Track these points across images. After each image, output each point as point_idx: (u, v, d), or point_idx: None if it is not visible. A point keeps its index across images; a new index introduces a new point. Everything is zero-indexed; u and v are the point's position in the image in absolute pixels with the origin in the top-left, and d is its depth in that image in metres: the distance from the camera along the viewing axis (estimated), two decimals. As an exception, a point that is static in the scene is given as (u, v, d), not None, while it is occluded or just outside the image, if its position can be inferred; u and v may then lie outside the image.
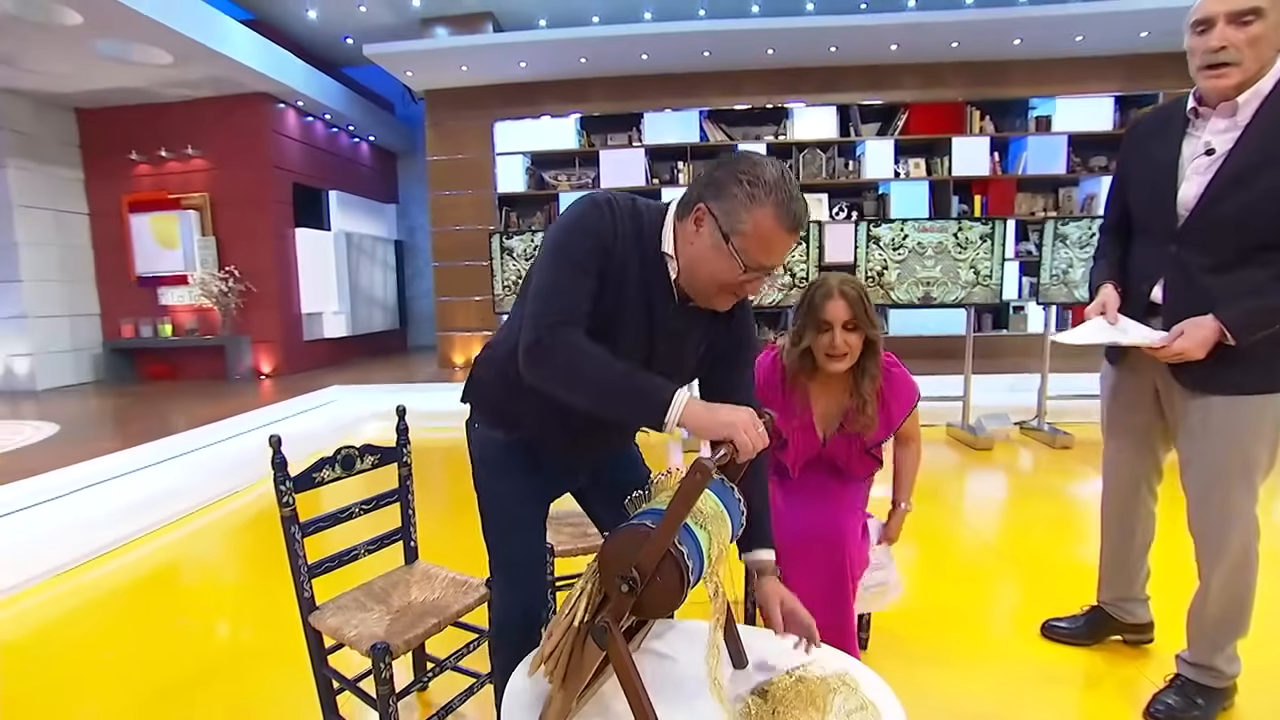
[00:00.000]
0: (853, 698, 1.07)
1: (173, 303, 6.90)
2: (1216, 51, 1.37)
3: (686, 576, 0.93)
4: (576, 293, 1.05)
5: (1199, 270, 1.50)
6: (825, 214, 6.81)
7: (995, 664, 1.98)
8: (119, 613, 2.54)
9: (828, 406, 1.72)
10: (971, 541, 2.94)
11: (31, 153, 6.42)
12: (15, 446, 4.14)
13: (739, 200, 1.01)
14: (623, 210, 1.10)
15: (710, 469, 0.87)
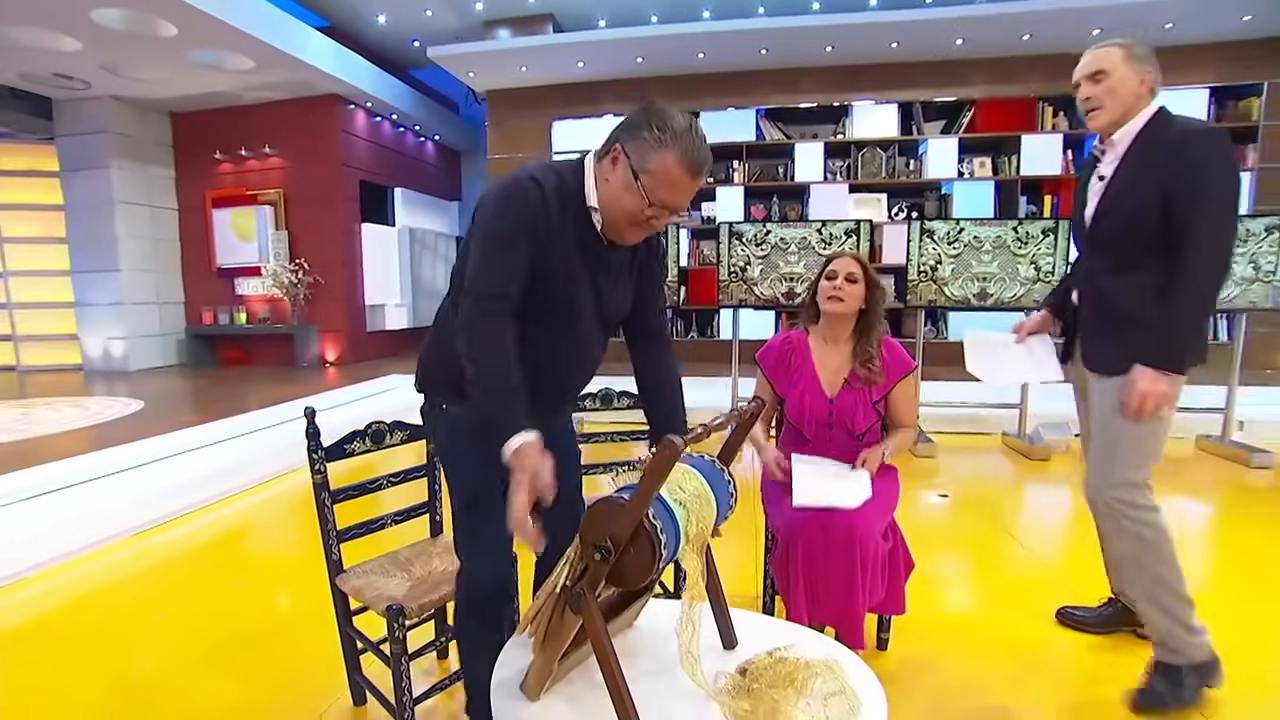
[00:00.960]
0: (833, 681, 1.06)
1: (248, 292, 7.36)
2: (1084, 101, 1.76)
3: (659, 550, 0.94)
4: (510, 267, 1.14)
5: (1098, 274, 1.79)
6: (884, 214, 6.63)
7: (1027, 680, 1.90)
8: (185, 571, 2.74)
9: (832, 368, 1.90)
10: (1014, 552, 2.81)
11: (132, 153, 6.97)
12: (107, 419, 4.51)
13: (649, 143, 1.11)
14: (549, 183, 1.17)
15: (678, 445, 0.88)
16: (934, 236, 4.15)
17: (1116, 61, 1.70)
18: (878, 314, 1.86)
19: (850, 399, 1.87)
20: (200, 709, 1.78)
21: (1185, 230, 1.61)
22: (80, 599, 2.48)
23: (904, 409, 1.90)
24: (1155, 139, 1.67)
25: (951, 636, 2.08)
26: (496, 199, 1.17)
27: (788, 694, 1.03)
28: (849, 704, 1.03)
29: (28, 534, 2.83)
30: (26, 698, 1.88)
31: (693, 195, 1.18)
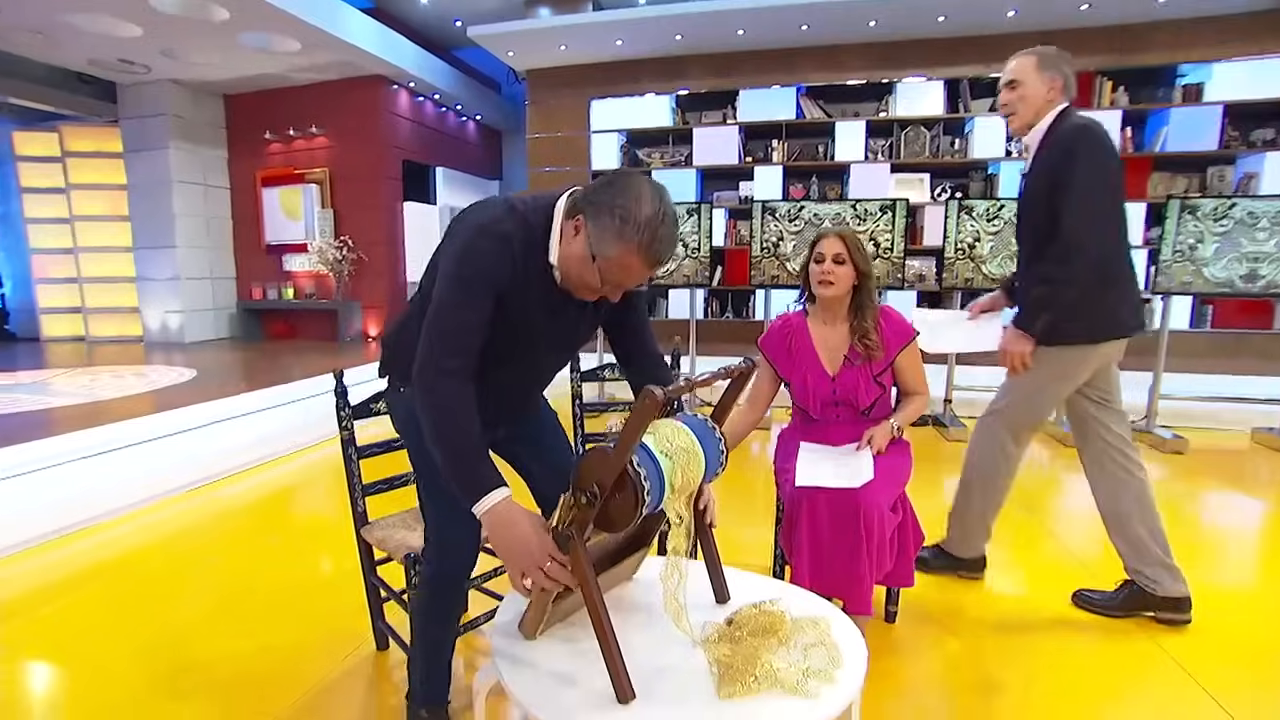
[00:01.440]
0: (814, 633, 1.08)
1: (295, 269, 7.63)
2: (1003, 107, 2.01)
3: (642, 496, 0.99)
4: (469, 330, 1.14)
5: (1024, 261, 2.05)
6: (926, 195, 6.45)
7: (1034, 661, 1.88)
8: (230, 527, 2.93)
9: (831, 347, 1.92)
10: (1038, 536, 2.76)
11: (188, 135, 7.27)
12: (163, 386, 4.78)
13: (610, 229, 1.10)
14: (516, 235, 1.16)
15: (658, 396, 0.92)
16: (973, 214, 4.04)
17: (1028, 70, 1.92)
18: (869, 291, 1.88)
19: (852, 376, 1.88)
20: (237, 650, 1.91)
21: (1056, 217, 1.84)
22: (136, 549, 2.67)
23: (911, 377, 1.90)
24: (1054, 139, 1.89)
25: (962, 614, 2.07)
26: (463, 252, 1.15)
27: (769, 642, 1.06)
28: (829, 655, 1.05)
29: (92, 487, 3.05)
30: (88, 634, 2.05)
31: (648, 276, 1.19)
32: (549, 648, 1.13)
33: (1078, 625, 2.02)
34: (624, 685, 0.96)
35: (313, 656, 1.84)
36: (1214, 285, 3.91)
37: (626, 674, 0.97)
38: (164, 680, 1.76)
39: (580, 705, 0.97)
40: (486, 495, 1.08)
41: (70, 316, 7.82)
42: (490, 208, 1.19)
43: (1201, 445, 3.99)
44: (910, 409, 1.89)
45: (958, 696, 1.72)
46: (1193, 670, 1.77)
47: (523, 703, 0.99)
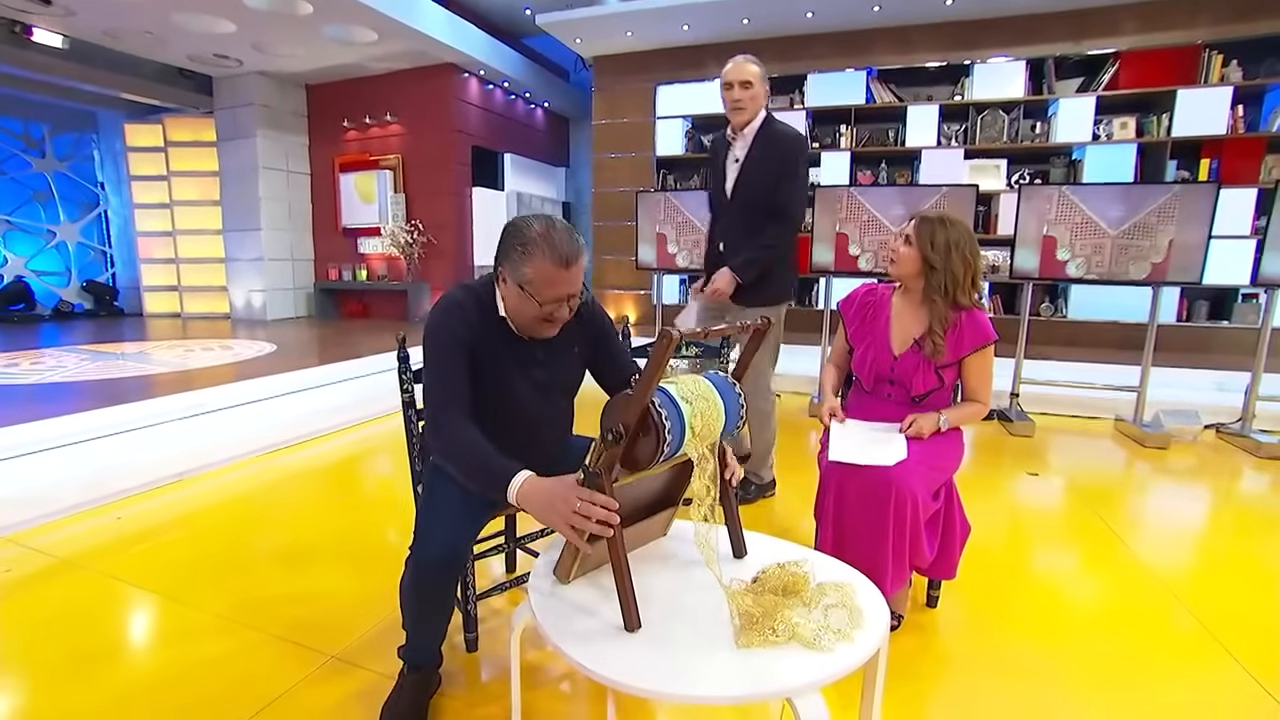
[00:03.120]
0: (835, 595, 1.08)
1: (368, 251, 7.99)
2: (735, 101, 2.46)
3: (663, 435, 1.05)
4: (453, 381, 1.35)
5: (736, 234, 2.56)
6: (1002, 182, 6.15)
7: (1068, 671, 1.79)
8: (302, 486, 3.12)
9: (905, 327, 1.87)
10: (1099, 538, 2.61)
11: (273, 123, 7.72)
12: (246, 358, 5.13)
13: (517, 258, 1.30)
14: (468, 304, 1.39)
15: (674, 335, 0.97)
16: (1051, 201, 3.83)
17: (759, 77, 2.46)
18: (937, 287, 1.77)
19: (914, 361, 1.83)
20: (307, 591, 2.05)
21: (780, 200, 2.46)
22: (220, 502, 2.90)
23: (975, 381, 1.82)
24: (771, 136, 2.47)
25: (1005, 609, 1.99)
26: (431, 328, 1.38)
27: (791, 601, 1.06)
28: (849, 616, 1.05)
29: (185, 447, 3.33)
30: (176, 571, 2.24)
31: (579, 280, 1.35)
32: (579, 589, 1.18)
33: (1124, 622, 1.92)
34: (632, 614, 1.03)
35: (369, 605, 1.95)
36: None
37: (635, 604, 1.03)
38: (240, 611, 1.92)
39: (596, 635, 1.04)
40: (512, 480, 1.20)
41: (168, 294, 8.48)
42: (445, 294, 1.43)
43: (1302, 451, 3.66)
44: (965, 411, 1.82)
45: (987, 679, 1.66)
46: (1242, 657, 1.65)
47: (546, 630, 1.04)
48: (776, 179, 2.43)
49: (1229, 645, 1.80)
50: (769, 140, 2.46)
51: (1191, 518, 2.92)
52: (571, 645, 1.01)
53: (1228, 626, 1.89)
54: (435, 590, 1.36)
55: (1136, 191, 3.78)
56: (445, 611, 1.43)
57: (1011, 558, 2.40)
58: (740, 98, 2.43)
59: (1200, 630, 1.89)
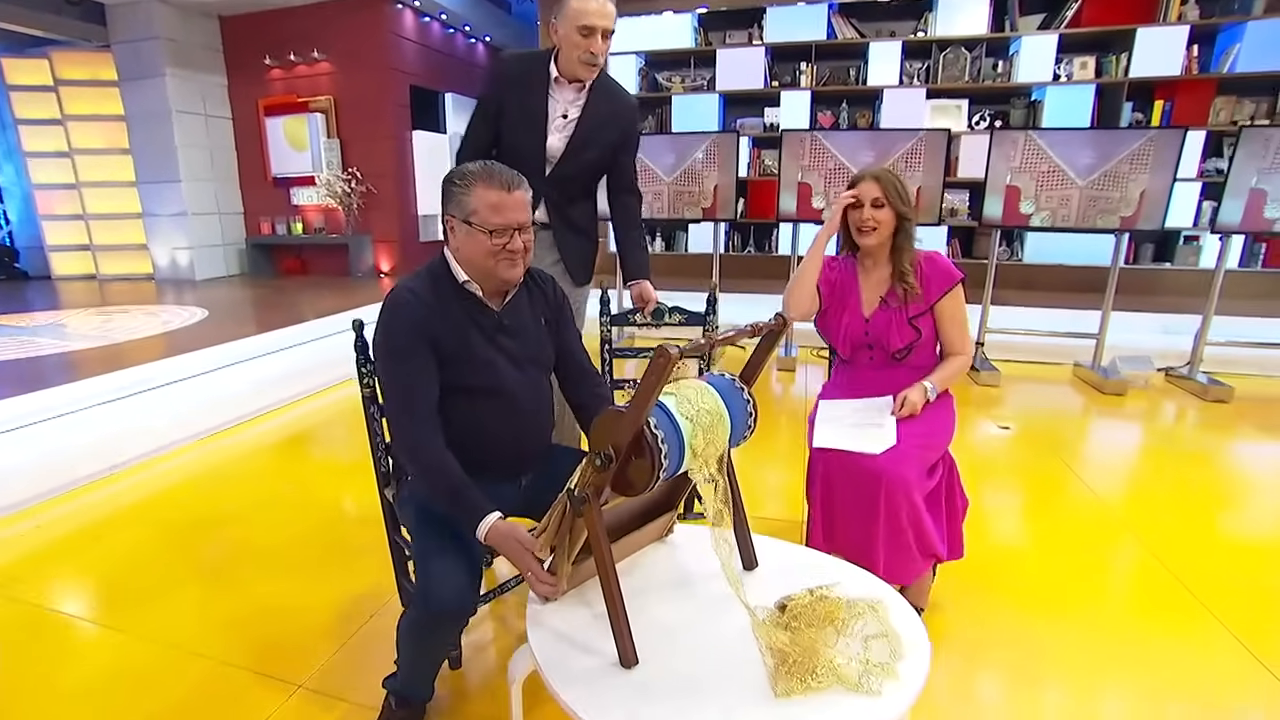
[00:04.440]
0: (875, 623, 0.99)
1: (303, 202, 7.42)
2: (595, 56, 1.89)
3: (659, 460, 0.94)
4: (417, 388, 1.27)
5: (565, 201, 2.07)
6: (963, 123, 6.06)
7: (1071, 628, 1.80)
8: (248, 475, 2.88)
9: (871, 288, 1.83)
10: (1075, 493, 2.65)
11: (183, 60, 6.93)
12: (175, 327, 4.71)
13: (458, 194, 1.27)
14: (421, 286, 1.31)
15: (673, 355, 0.87)
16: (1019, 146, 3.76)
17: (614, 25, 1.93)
18: (907, 233, 1.75)
19: (885, 317, 1.77)
20: (264, 607, 1.87)
21: (627, 174, 2.13)
22: (159, 496, 2.65)
23: (952, 331, 1.75)
24: (610, 95, 2.02)
25: (997, 580, 2.00)
26: (382, 326, 1.29)
27: (826, 633, 0.97)
28: (890, 647, 0.97)
29: (112, 436, 3.02)
30: (112, 586, 2.02)
31: (525, 208, 1.29)
32: (585, 618, 1.07)
33: (1111, 596, 1.94)
34: (628, 650, 0.96)
35: (337, 619, 1.80)
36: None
37: (631, 639, 0.96)
38: (187, 635, 1.74)
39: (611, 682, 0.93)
40: (483, 520, 1.17)
41: (79, 254, 7.72)
42: (393, 288, 1.33)
43: (1247, 393, 3.82)
44: (949, 369, 1.75)
45: (989, 656, 1.65)
46: (1238, 630, 1.69)
47: (553, 683, 0.94)
48: (616, 150, 2.06)
49: (1197, 592, 1.84)
50: (609, 100, 2.01)
51: (1158, 466, 3.00)
52: (582, 696, 0.91)
53: (1212, 593, 1.94)
54: (443, 638, 1.28)
55: (1108, 137, 3.74)
56: (446, 650, 1.33)
57: (1000, 523, 2.41)
58: (601, 51, 1.89)
59: (1204, 625, 1.92)
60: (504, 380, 1.35)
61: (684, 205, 4.70)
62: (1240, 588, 1.95)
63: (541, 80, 1.96)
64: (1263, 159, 3.61)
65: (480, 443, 1.29)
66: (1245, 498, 2.71)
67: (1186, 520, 2.41)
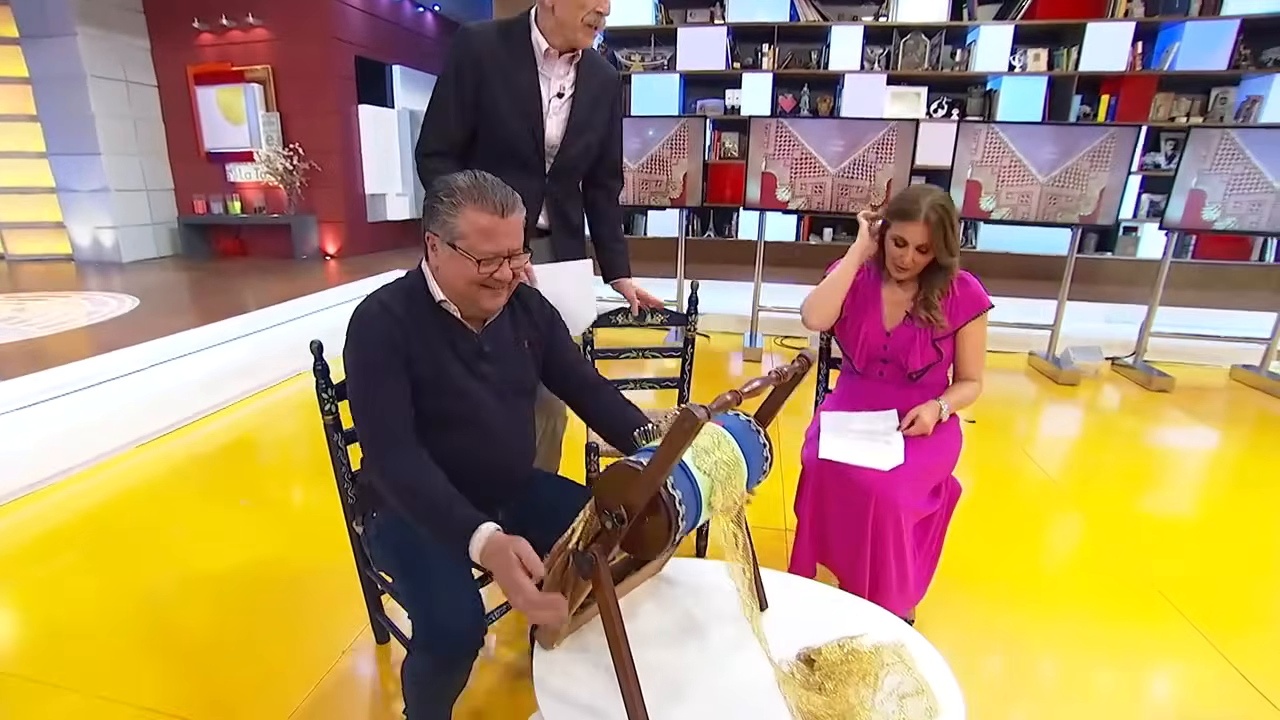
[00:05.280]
0: (907, 678, 0.96)
1: (240, 180, 6.96)
2: (595, 25, 1.58)
3: (675, 521, 0.88)
4: (391, 408, 1.16)
5: (565, 199, 1.80)
6: (922, 110, 6.12)
7: (1045, 620, 1.85)
8: (193, 488, 2.67)
9: (895, 302, 1.76)
10: (1032, 482, 2.74)
11: (97, 19, 6.33)
12: (104, 319, 4.34)
13: (445, 212, 1.15)
14: (395, 302, 1.20)
15: (699, 418, 0.79)
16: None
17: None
18: (945, 274, 1.68)
19: (908, 334, 1.72)
20: (216, 646, 1.73)
21: (613, 157, 1.87)
22: (86, 523, 2.40)
23: (969, 356, 1.72)
24: (594, 68, 1.74)
25: (973, 574, 2.03)
26: (353, 339, 1.19)
27: (861, 693, 0.94)
28: (927, 705, 0.94)
29: (35, 447, 2.74)
30: (30, 633, 1.84)
31: (518, 234, 1.18)
32: (570, 657, 1.02)
33: (1076, 583, 2.01)
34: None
35: (307, 659, 1.69)
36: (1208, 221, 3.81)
37: (644, 708, 0.88)
38: (132, 688, 1.59)
39: None
40: (475, 534, 1.03)
41: (-16, 231, 7.06)
42: (364, 300, 1.23)
43: (1186, 382, 4.02)
44: (963, 393, 1.73)
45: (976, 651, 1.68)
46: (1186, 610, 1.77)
47: None
48: (609, 129, 1.82)
49: (1170, 595, 1.92)
50: (596, 70, 1.75)
51: (1117, 456, 3.11)
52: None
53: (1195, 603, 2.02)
54: (457, 678, 1.17)
55: (1069, 133, 3.81)
56: (461, 686, 1.22)
57: (970, 521, 2.45)
58: (599, 23, 1.60)
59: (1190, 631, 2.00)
60: (482, 410, 1.26)
61: (650, 194, 4.60)
62: (1186, 565, 2.10)
63: (527, 53, 1.64)
64: (1203, 161, 3.76)
65: (456, 476, 1.17)
66: (1196, 484, 2.86)
67: (1132, 503, 2.53)
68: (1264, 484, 2.81)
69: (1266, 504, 2.62)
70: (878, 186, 4.04)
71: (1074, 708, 1.55)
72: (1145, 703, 1.60)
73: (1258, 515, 2.53)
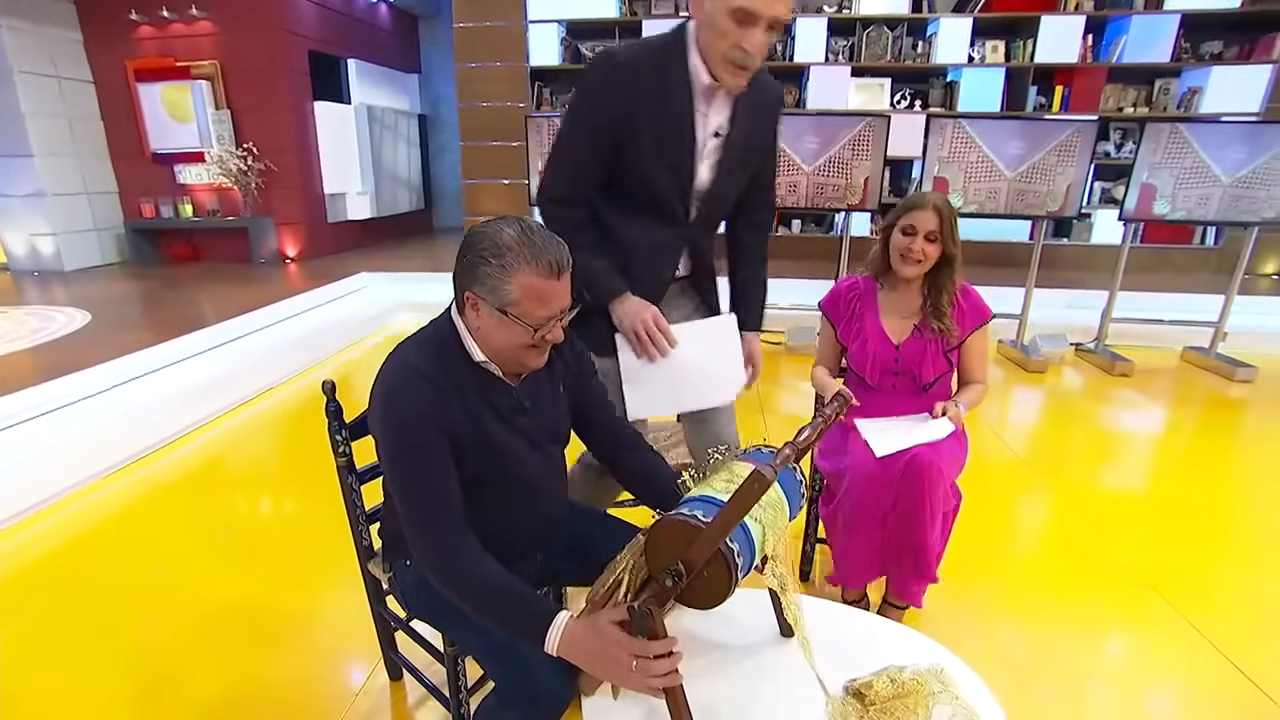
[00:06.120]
0: (956, 706, 0.99)
1: (191, 181, 6.65)
2: (750, 56, 1.27)
3: (735, 575, 0.88)
4: (440, 487, 1.07)
5: (705, 243, 1.56)
6: (886, 102, 6.21)
7: (1025, 602, 1.94)
8: (172, 520, 2.55)
9: (899, 315, 1.78)
10: (1006, 467, 2.84)
11: (20, 9, 5.92)
12: (50, 338, 4.08)
13: (494, 275, 1.03)
14: (426, 367, 1.08)
15: (770, 479, 0.80)
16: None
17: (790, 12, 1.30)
18: (950, 274, 1.70)
19: (919, 346, 1.74)
20: (228, 697, 1.66)
21: (765, 188, 1.60)
22: (49, 561, 2.25)
23: (975, 363, 1.78)
24: (762, 88, 1.42)
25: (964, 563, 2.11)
26: (389, 416, 1.08)
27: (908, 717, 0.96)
28: (973, 728, 0.97)
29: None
30: (15, 677, 1.75)
31: (568, 291, 1.07)
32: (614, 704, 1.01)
33: (1070, 576, 2.11)
34: None
35: (311, 698, 1.64)
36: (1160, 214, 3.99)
37: None
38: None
39: None
40: (549, 629, 0.99)
41: (-93, 239, 6.59)
42: (393, 361, 1.12)
43: (1141, 365, 4.21)
44: (974, 394, 1.78)
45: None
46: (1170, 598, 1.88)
47: None
48: (763, 161, 1.55)
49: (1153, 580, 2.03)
50: (760, 97, 1.44)
51: (1088, 440, 3.25)
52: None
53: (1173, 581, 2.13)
54: None
55: (1036, 128, 3.91)
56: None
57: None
58: (759, 48, 1.26)
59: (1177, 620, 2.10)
60: (522, 466, 1.19)
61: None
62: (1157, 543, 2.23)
63: (682, 83, 1.36)
64: (1154, 154, 3.91)
65: (493, 534, 1.12)
66: (1158, 463, 3.01)
67: (1100, 483, 2.69)
68: (1218, 461, 3.01)
69: (1224, 480, 2.83)
70: (854, 184, 4.08)
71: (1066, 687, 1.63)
72: (1110, 671, 1.71)
73: (1216, 491, 2.73)
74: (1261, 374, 4.01)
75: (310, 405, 3.61)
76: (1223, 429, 3.42)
